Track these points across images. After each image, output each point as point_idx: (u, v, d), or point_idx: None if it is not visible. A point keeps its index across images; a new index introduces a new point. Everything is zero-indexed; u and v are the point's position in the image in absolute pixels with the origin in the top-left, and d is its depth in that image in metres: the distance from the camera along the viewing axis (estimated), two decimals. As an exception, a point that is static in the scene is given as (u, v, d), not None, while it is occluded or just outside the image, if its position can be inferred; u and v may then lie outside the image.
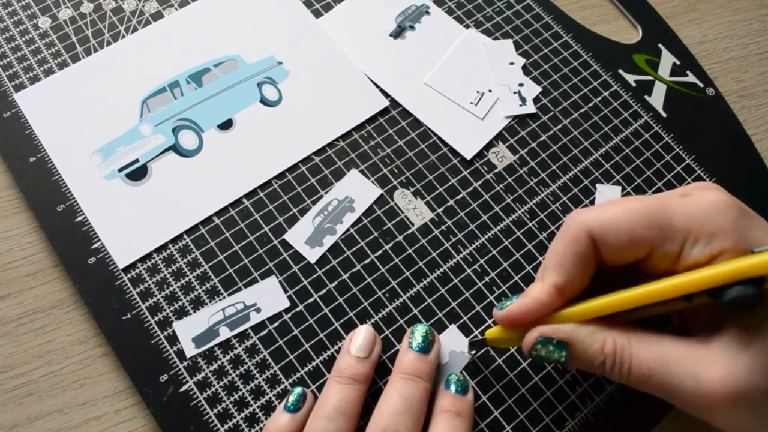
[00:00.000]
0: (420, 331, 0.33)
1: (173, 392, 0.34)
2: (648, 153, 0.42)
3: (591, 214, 0.29)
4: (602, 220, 0.28)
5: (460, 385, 0.33)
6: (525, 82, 0.43)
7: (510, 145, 0.41)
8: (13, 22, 0.43)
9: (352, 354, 0.33)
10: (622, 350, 0.27)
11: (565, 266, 0.28)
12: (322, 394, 0.32)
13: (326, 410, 0.30)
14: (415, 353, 0.32)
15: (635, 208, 0.28)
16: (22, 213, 0.39)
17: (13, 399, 0.34)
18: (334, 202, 0.39)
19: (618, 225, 0.28)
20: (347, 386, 0.31)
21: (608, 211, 0.28)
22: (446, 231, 0.39)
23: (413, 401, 0.30)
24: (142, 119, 0.40)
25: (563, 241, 0.29)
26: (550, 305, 0.29)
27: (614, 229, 0.28)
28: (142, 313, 0.35)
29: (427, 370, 0.32)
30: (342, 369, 0.32)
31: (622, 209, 0.28)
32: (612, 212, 0.28)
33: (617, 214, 0.28)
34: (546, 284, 0.29)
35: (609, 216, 0.28)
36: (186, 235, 0.37)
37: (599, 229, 0.28)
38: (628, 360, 0.27)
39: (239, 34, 0.44)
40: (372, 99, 0.42)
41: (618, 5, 0.48)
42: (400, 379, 0.31)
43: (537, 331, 0.29)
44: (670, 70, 0.45)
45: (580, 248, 0.28)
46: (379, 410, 0.30)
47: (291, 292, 0.36)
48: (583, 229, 0.28)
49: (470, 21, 0.46)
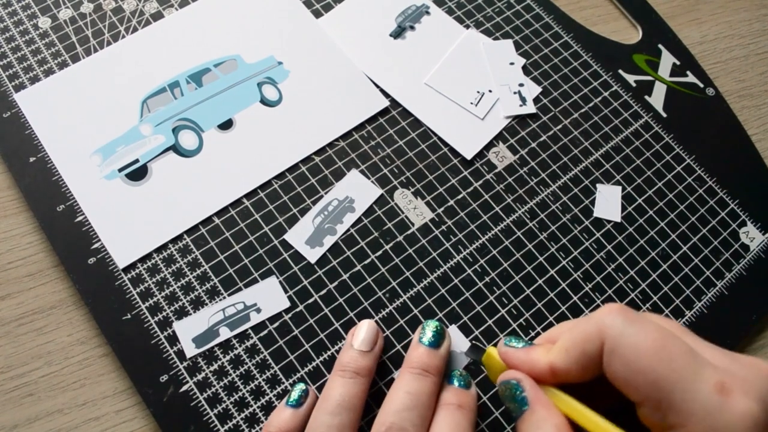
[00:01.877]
0: (431, 325, 0.33)
1: (173, 392, 0.34)
2: (648, 153, 0.42)
3: (616, 323, 0.25)
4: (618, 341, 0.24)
5: (463, 379, 0.32)
6: (525, 82, 0.43)
7: (510, 145, 0.41)
8: (13, 22, 0.43)
9: (354, 348, 0.33)
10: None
11: (570, 356, 0.26)
12: (325, 388, 0.31)
13: (329, 405, 0.30)
14: (425, 347, 0.32)
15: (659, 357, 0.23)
16: (22, 213, 0.39)
17: (13, 399, 0.34)
18: (334, 202, 0.39)
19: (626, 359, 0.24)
20: (350, 380, 0.31)
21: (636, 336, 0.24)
22: (446, 231, 0.39)
23: (421, 397, 0.30)
24: (142, 119, 0.40)
25: (580, 331, 0.26)
26: (539, 377, 0.27)
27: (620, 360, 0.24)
28: (142, 313, 0.35)
29: (437, 365, 0.32)
30: (345, 363, 0.32)
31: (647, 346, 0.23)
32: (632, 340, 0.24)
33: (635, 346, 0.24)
34: (546, 359, 0.27)
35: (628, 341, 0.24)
36: (186, 235, 0.37)
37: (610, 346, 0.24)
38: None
39: (239, 34, 0.44)
40: (372, 99, 0.42)
41: (618, 5, 0.48)
42: (408, 374, 0.31)
43: (518, 377, 0.27)
44: (670, 70, 0.45)
45: (589, 350, 0.25)
46: (385, 407, 0.30)
47: (291, 292, 0.36)
48: (600, 331, 0.25)
49: (470, 21, 0.46)
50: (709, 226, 0.40)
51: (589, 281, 0.38)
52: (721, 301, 0.38)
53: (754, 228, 0.40)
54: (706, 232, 0.40)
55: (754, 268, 0.39)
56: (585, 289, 0.38)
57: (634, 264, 0.39)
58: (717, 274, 0.39)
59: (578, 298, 0.37)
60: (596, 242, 0.39)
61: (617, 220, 0.40)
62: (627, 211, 0.40)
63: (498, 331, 0.36)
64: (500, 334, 0.36)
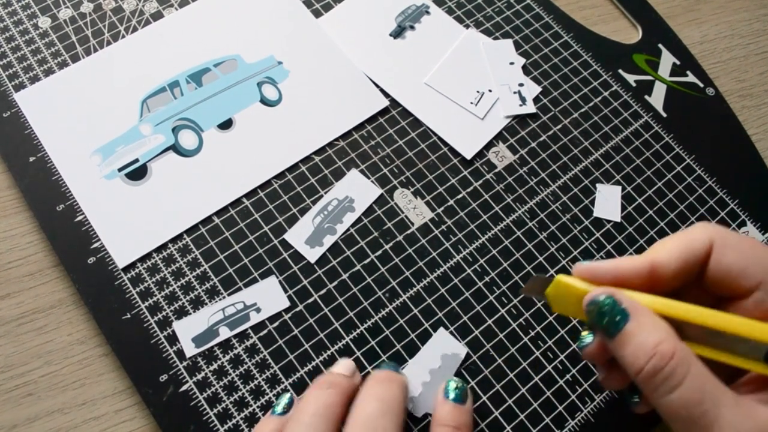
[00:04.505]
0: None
1: (173, 392, 0.34)
2: (648, 153, 0.42)
3: (721, 228, 0.28)
4: (728, 238, 0.28)
5: (459, 392, 0.32)
6: (525, 82, 0.43)
7: (510, 145, 0.41)
8: (13, 22, 0.43)
9: (332, 371, 0.32)
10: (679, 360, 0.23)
11: (672, 252, 0.27)
12: (300, 401, 0.30)
13: (304, 415, 0.29)
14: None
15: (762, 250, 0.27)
16: (22, 213, 0.39)
17: (12, 399, 0.34)
18: (334, 202, 0.39)
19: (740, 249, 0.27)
20: (326, 390, 0.30)
21: (737, 235, 0.28)
22: (446, 231, 0.39)
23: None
24: (142, 119, 0.40)
25: (681, 236, 0.28)
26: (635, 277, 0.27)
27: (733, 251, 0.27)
28: (142, 312, 0.35)
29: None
30: (322, 379, 0.31)
31: (749, 243, 0.28)
32: (740, 238, 0.28)
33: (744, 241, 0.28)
34: (642, 257, 0.28)
35: (736, 238, 0.28)
36: (186, 234, 0.37)
37: (721, 243, 0.27)
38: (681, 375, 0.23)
39: (239, 34, 0.44)
40: (372, 99, 0.42)
41: (618, 5, 0.48)
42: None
43: (610, 291, 0.26)
44: (670, 70, 0.45)
45: (696, 247, 0.27)
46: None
47: (291, 292, 0.36)
48: (707, 231, 0.28)
49: (470, 21, 0.46)
50: (709, 225, 0.40)
51: (589, 281, 0.38)
52: (721, 300, 0.38)
53: (754, 228, 0.40)
54: (706, 232, 0.40)
55: (754, 268, 0.39)
56: (585, 289, 0.38)
57: (633, 264, 0.39)
58: (717, 273, 0.39)
59: (578, 297, 0.37)
60: (596, 242, 0.39)
61: (617, 220, 0.40)
62: (627, 211, 0.40)
63: (498, 331, 0.36)
64: (500, 334, 0.36)
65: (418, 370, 0.34)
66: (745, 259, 0.27)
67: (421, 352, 0.35)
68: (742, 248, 0.27)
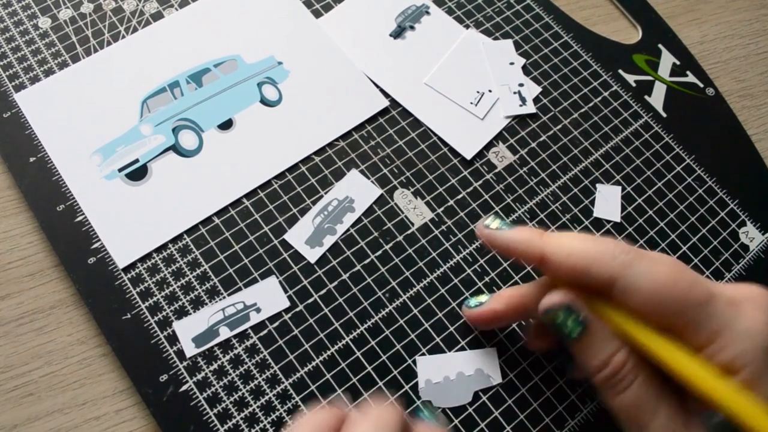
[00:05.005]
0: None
1: (173, 392, 0.34)
2: (648, 153, 0.42)
3: (633, 262, 0.26)
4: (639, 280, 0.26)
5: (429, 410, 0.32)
6: (525, 82, 0.43)
7: (510, 145, 0.41)
8: (13, 22, 0.43)
9: None
10: (629, 369, 0.26)
11: (568, 262, 0.27)
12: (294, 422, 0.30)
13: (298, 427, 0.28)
14: None
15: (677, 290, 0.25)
16: (22, 213, 0.39)
17: (13, 399, 0.34)
18: (334, 202, 0.39)
19: (649, 292, 0.25)
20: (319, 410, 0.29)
21: (651, 270, 0.26)
22: (446, 231, 0.39)
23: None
24: (142, 119, 0.40)
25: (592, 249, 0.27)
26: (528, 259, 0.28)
27: (642, 296, 0.26)
28: (142, 313, 0.35)
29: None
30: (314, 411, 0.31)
31: (665, 278, 0.25)
32: (654, 275, 0.26)
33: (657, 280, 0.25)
34: (539, 244, 0.27)
35: (648, 278, 0.26)
36: (186, 235, 0.37)
37: (626, 285, 0.26)
38: (629, 381, 0.26)
39: (239, 34, 0.44)
40: (372, 99, 0.42)
41: (618, 5, 0.48)
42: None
43: (569, 297, 0.27)
44: (670, 70, 0.45)
45: (594, 273, 0.26)
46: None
47: (291, 292, 0.36)
48: (613, 270, 0.26)
49: (470, 21, 0.46)
50: (709, 226, 0.40)
51: (589, 281, 0.38)
52: (721, 301, 0.38)
53: (753, 228, 0.40)
54: (705, 232, 0.40)
55: (754, 268, 0.39)
56: (585, 289, 0.38)
57: (633, 264, 0.39)
58: (717, 274, 0.39)
59: (578, 298, 0.37)
60: (596, 242, 0.39)
61: (617, 220, 0.40)
62: (627, 211, 0.40)
63: (498, 331, 0.36)
64: (500, 334, 0.36)
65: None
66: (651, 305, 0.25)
67: (421, 352, 0.35)
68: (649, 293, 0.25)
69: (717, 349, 0.25)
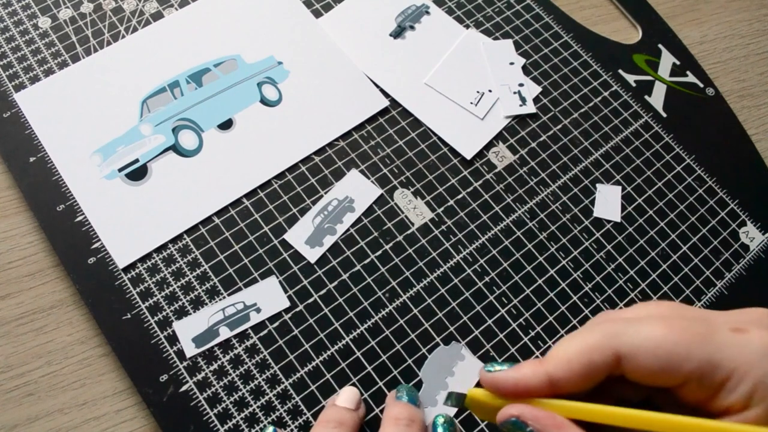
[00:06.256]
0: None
1: (173, 392, 0.34)
2: (648, 153, 0.42)
3: (626, 329, 0.25)
4: (636, 342, 0.25)
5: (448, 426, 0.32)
6: (525, 82, 0.43)
7: (510, 145, 0.41)
8: (13, 22, 0.43)
9: (338, 405, 0.32)
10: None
11: (572, 367, 0.25)
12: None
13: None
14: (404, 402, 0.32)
15: (676, 335, 0.24)
16: (22, 213, 0.39)
17: (13, 399, 0.34)
18: (334, 202, 0.39)
19: (652, 350, 0.24)
20: (334, 429, 0.31)
21: (644, 330, 0.25)
22: (446, 231, 0.39)
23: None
24: (142, 119, 0.40)
25: (584, 342, 0.26)
26: (535, 392, 0.26)
27: (646, 354, 0.24)
28: (142, 313, 0.35)
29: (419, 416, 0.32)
30: (329, 416, 0.32)
31: (661, 332, 0.24)
32: (649, 333, 0.25)
33: (655, 336, 0.24)
34: (541, 370, 0.26)
35: (644, 336, 0.25)
36: (186, 235, 0.37)
37: (629, 351, 0.25)
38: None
39: (239, 34, 0.44)
40: (372, 99, 0.42)
41: (618, 5, 0.48)
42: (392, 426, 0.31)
43: (517, 410, 0.26)
44: (670, 70, 0.45)
45: (597, 360, 0.25)
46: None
47: (291, 292, 0.36)
48: (611, 344, 0.25)
49: (470, 21, 0.46)
50: (709, 226, 0.40)
51: (589, 281, 0.38)
52: (721, 301, 0.38)
53: (753, 228, 0.40)
54: (705, 232, 0.40)
55: (754, 268, 0.39)
56: (585, 289, 0.38)
57: (633, 264, 0.39)
58: (717, 274, 0.39)
59: (578, 298, 0.37)
60: (596, 242, 0.39)
61: (617, 220, 0.40)
62: (627, 211, 0.40)
63: (498, 331, 0.36)
64: (500, 334, 0.36)
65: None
66: (661, 363, 0.24)
67: (421, 352, 0.35)
68: (654, 352, 0.24)
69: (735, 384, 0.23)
